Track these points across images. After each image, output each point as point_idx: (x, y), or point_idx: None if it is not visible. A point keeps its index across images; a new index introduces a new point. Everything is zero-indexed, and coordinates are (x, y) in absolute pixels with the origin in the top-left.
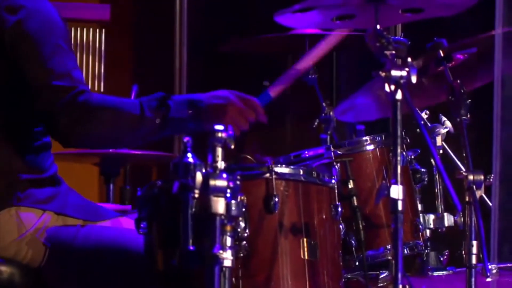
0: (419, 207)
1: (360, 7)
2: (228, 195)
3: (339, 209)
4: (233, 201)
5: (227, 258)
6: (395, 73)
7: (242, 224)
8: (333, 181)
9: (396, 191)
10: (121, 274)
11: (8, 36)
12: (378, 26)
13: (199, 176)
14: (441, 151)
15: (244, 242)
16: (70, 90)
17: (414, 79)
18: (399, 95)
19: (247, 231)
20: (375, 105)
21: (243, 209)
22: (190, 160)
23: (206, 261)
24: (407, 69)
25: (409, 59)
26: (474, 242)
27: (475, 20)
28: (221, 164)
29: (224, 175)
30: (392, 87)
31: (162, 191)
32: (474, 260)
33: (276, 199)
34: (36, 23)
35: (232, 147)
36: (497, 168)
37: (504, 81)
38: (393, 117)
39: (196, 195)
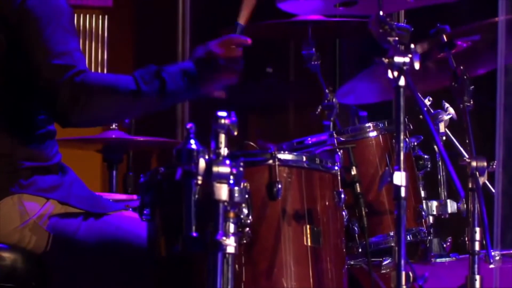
0: (422, 193)
1: None
2: (231, 181)
3: (342, 195)
4: (236, 188)
5: (230, 244)
6: (398, 59)
7: (245, 211)
8: (336, 167)
9: (399, 178)
10: (123, 265)
11: (14, 17)
12: (381, 12)
13: (202, 163)
14: (444, 138)
15: (247, 229)
16: (69, 69)
17: (417, 65)
18: (402, 82)
19: (250, 217)
20: (376, 88)
21: (246, 196)
22: (193, 146)
23: (209, 248)
24: (410, 55)
25: (412, 46)
26: (477, 229)
27: (478, 6)
28: (224, 151)
29: (227, 162)
30: (395, 73)
31: (165, 178)
32: (477, 247)
33: (279, 186)
34: (40, 3)
35: (235, 133)
36: (500, 154)
37: (507, 68)
38: (396, 103)
39: (199, 182)
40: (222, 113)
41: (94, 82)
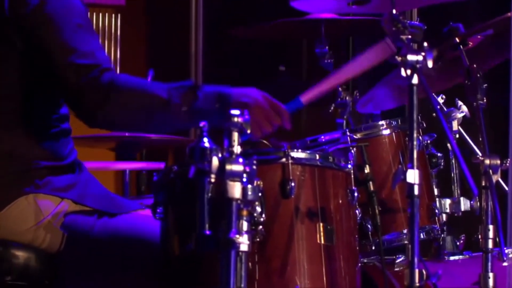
0: (435, 191)
1: None
2: (244, 179)
3: (355, 194)
4: (249, 186)
5: (244, 242)
6: (411, 57)
7: (258, 209)
8: (349, 166)
9: (412, 176)
10: (137, 264)
11: (30, 20)
12: (394, 11)
13: (215, 161)
14: (457, 136)
15: (261, 227)
16: (94, 67)
17: (430, 63)
18: (415, 80)
19: (263, 216)
20: (394, 94)
21: (259, 194)
22: (206, 144)
23: (222, 246)
24: (423, 53)
25: (425, 44)
26: (491, 227)
27: (490, 3)
28: (237, 149)
29: (241, 160)
30: (408, 71)
31: (178, 176)
32: (490, 245)
33: (292, 184)
34: (57, 5)
35: (249, 131)
36: None
37: None
38: (409, 101)
39: (213, 180)
40: (235, 111)
41: (123, 81)
